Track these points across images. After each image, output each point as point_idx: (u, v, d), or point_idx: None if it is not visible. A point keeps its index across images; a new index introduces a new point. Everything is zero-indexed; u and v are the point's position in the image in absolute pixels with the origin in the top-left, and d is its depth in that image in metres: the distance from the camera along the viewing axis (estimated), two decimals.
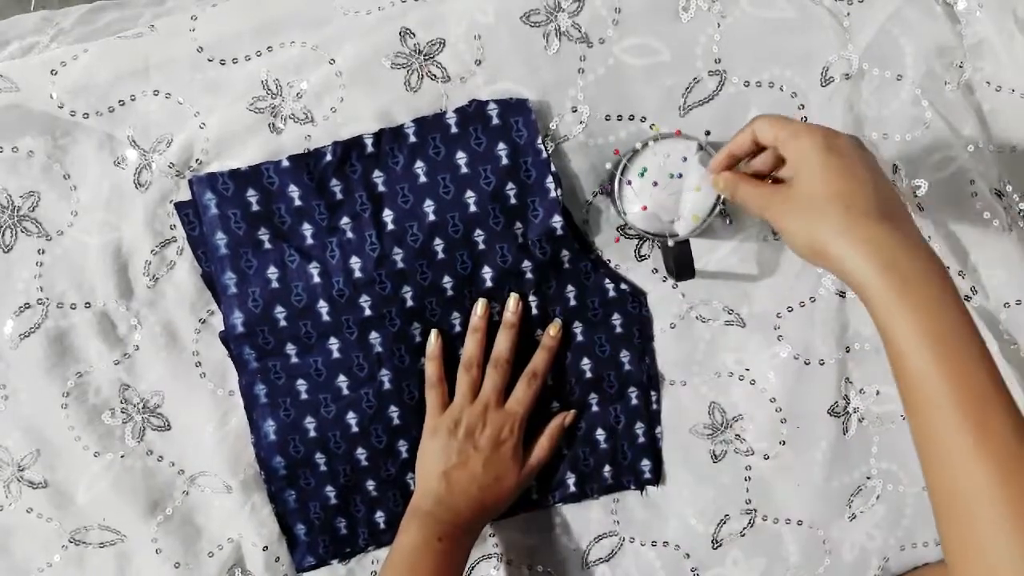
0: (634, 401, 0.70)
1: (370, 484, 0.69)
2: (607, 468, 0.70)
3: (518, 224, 0.67)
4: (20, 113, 0.65)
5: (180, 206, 0.66)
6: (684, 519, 0.71)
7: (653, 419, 0.70)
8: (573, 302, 0.69)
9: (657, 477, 0.71)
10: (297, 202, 0.66)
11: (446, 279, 0.67)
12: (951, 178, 0.68)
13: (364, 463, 0.69)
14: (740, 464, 0.70)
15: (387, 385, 0.67)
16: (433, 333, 0.67)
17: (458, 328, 0.68)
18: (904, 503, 0.70)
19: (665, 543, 0.71)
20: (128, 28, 0.67)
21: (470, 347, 0.67)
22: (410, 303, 0.67)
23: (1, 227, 0.65)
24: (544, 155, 0.66)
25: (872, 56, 0.67)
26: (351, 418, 0.68)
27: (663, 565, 0.71)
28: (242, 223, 0.65)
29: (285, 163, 0.65)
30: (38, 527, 0.68)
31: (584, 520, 0.71)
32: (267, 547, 0.69)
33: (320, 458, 0.68)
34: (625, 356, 0.70)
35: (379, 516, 0.70)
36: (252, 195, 0.65)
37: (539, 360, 0.67)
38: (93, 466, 0.67)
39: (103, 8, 0.69)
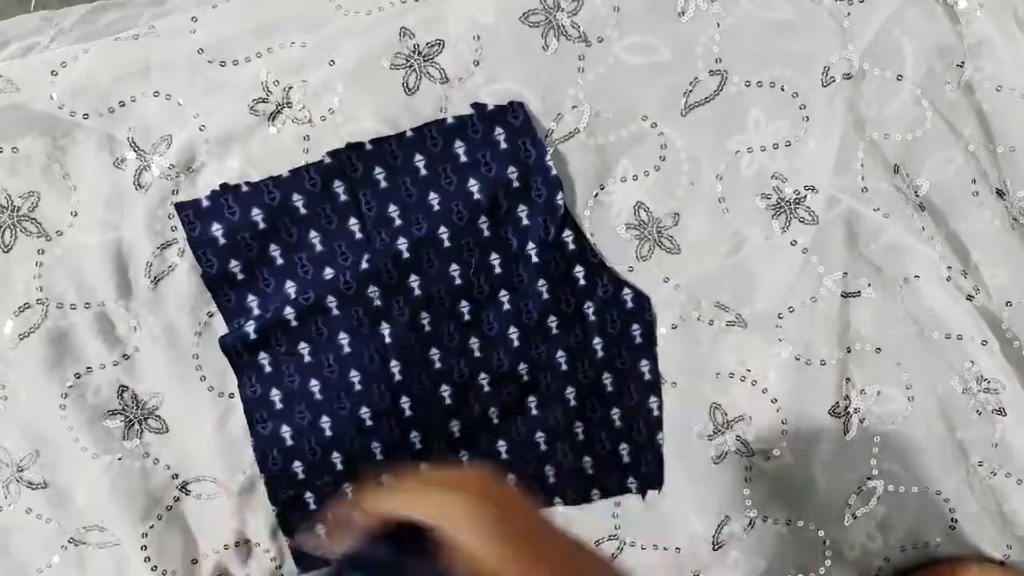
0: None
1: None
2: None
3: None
4: (20, 113, 0.65)
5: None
6: (685, 520, 0.70)
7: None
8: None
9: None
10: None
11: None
12: (952, 178, 0.68)
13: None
14: (740, 465, 0.70)
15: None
16: None
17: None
18: (906, 504, 0.70)
19: (666, 547, 0.71)
20: (128, 28, 0.67)
21: None
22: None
23: (1, 227, 0.65)
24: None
25: (872, 56, 0.67)
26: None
27: (665, 567, 0.71)
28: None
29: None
30: (38, 527, 0.67)
31: (584, 523, 0.71)
32: (267, 550, 0.68)
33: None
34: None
35: None
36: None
37: None
38: (91, 468, 0.67)
39: (103, 8, 0.69)
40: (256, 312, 0.67)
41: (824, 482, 0.69)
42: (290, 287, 0.66)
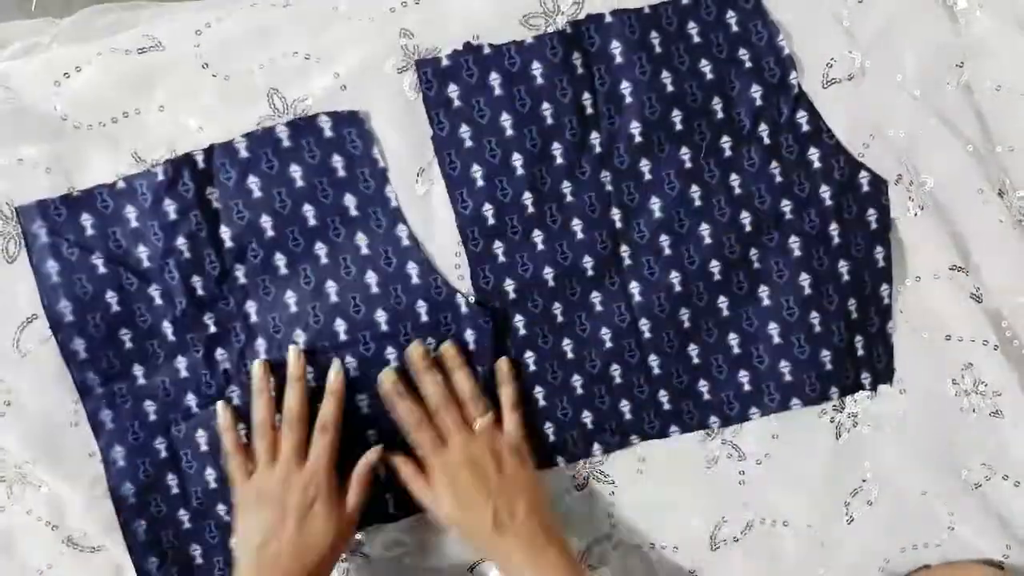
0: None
1: (221, 508, 0.67)
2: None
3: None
4: (22, 122, 0.64)
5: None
6: (684, 521, 0.71)
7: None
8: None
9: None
10: (133, 223, 0.65)
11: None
12: (952, 178, 0.68)
13: (214, 485, 0.67)
14: (733, 469, 0.70)
15: (236, 401, 0.66)
16: (220, 405, 0.65)
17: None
18: (904, 505, 0.70)
19: (663, 545, 0.71)
20: (129, 29, 0.67)
21: (259, 410, 0.64)
22: (254, 318, 0.66)
23: (4, 237, 0.65)
24: (381, 165, 0.65)
25: (872, 56, 0.67)
26: (200, 436, 0.66)
27: (663, 567, 0.71)
28: (75, 249, 0.64)
29: (121, 184, 0.64)
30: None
31: (580, 521, 0.71)
32: None
33: (172, 480, 0.66)
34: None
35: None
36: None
37: (327, 411, 0.64)
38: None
39: (103, 11, 0.69)
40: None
41: (820, 484, 0.70)
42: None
